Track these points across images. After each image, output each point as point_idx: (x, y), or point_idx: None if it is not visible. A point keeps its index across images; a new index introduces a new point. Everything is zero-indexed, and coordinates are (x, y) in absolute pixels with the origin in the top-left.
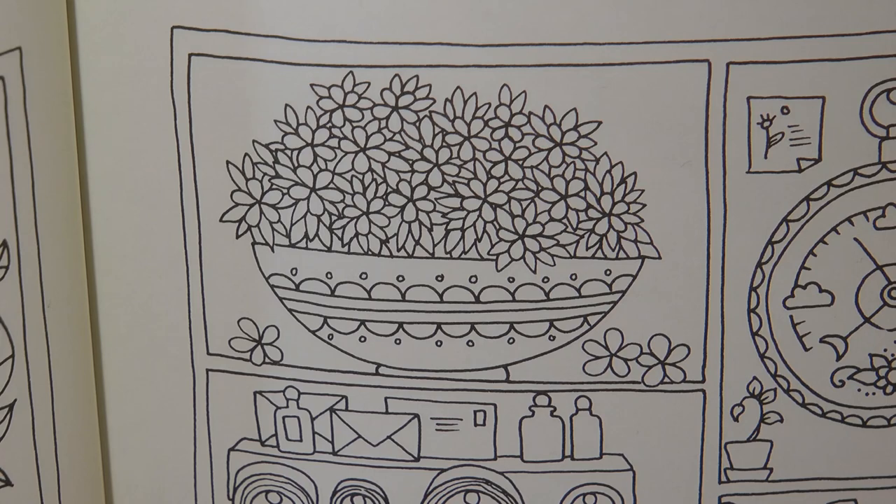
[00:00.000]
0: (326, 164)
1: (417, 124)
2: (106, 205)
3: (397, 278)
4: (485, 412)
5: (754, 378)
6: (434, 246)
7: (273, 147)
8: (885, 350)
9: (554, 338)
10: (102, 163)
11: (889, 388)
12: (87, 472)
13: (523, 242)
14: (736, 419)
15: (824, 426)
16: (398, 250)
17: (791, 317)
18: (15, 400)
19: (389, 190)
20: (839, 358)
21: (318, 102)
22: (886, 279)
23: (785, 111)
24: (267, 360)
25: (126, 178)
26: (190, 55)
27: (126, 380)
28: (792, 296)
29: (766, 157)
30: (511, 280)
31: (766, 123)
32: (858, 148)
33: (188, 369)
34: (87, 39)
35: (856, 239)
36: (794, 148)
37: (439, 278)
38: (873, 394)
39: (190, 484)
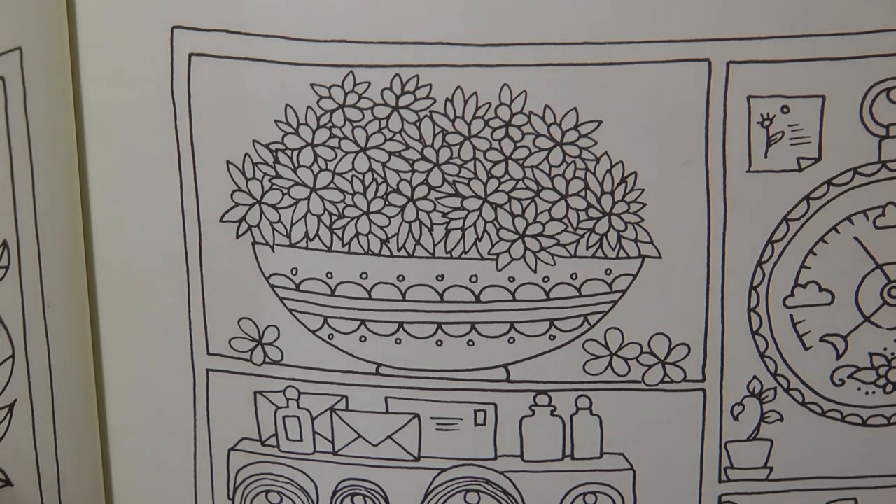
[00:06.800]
0: (327, 164)
1: (418, 124)
2: (106, 205)
3: (398, 278)
4: (485, 412)
5: (754, 377)
6: (434, 245)
7: (273, 147)
8: (885, 349)
9: (554, 337)
10: (102, 163)
11: (889, 387)
12: (87, 472)
13: (524, 242)
14: (736, 418)
15: (824, 425)
16: (398, 250)
17: (791, 316)
18: (15, 400)
19: (390, 190)
20: (839, 357)
21: (318, 102)
22: (886, 278)
23: (785, 110)
24: (267, 359)
25: (126, 178)
26: (190, 55)
27: (126, 380)
28: (792, 295)
29: (766, 156)
30: (511, 279)
31: (767, 122)
32: (858, 147)
33: (188, 369)
34: (87, 39)
35: (856, 238)
36: (794, 147)
37: (440, 278)
38: (873, 392)
39: (190, 484)
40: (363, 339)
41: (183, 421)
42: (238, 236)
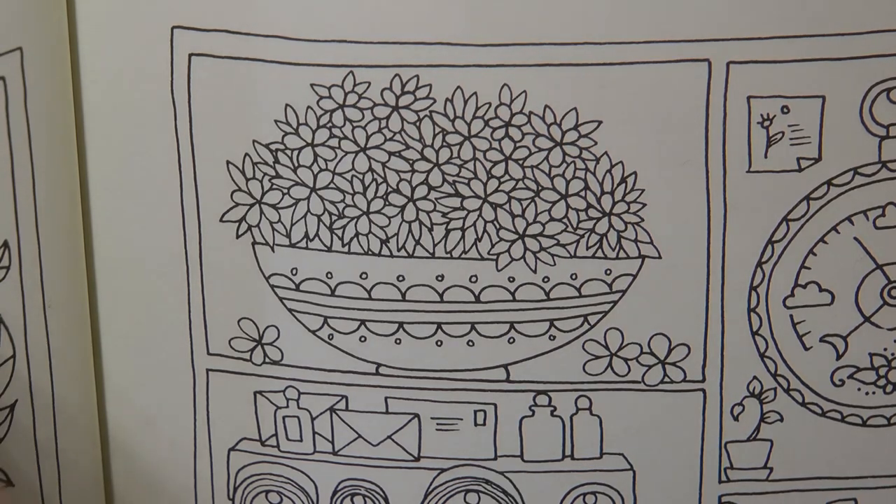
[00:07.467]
0: (327, 164)
1: (418, 124)
2: (106, 205)
3: (397, 278)
4: (485, 412)
5: (754, 377)
6: (434, 246)
7: (273, 147)
8: (885, 349)
9: (554, 337)
10: (102, 163)
11: (889, 388)
12: (87, 472)
13: (523, 242)
14: (736, 418)
15: (824, 425)
16: (398, 250)
17: (791, 316)
18: (16, 400)
19: (390, 190)
20: (839, 357)
21: (318, 102)
22: (886, 278)
23: (785, 110)
24: (267, 359)
25: (126, 178)
26: (190, 55)
27: (126, 379)
28: (792, 295)
29: (766, 157)
30: (511, 280)
31: (766, 123)
32: (858, 147)
33: (188, 369)
34: (87, 39)
35: (856, 238)
36: (794, 147)
37: (439, 278)
38: (873, 393)
39: (190, 484)
40: (363, 339)
41: (183, 421)
42: (238, 236)
